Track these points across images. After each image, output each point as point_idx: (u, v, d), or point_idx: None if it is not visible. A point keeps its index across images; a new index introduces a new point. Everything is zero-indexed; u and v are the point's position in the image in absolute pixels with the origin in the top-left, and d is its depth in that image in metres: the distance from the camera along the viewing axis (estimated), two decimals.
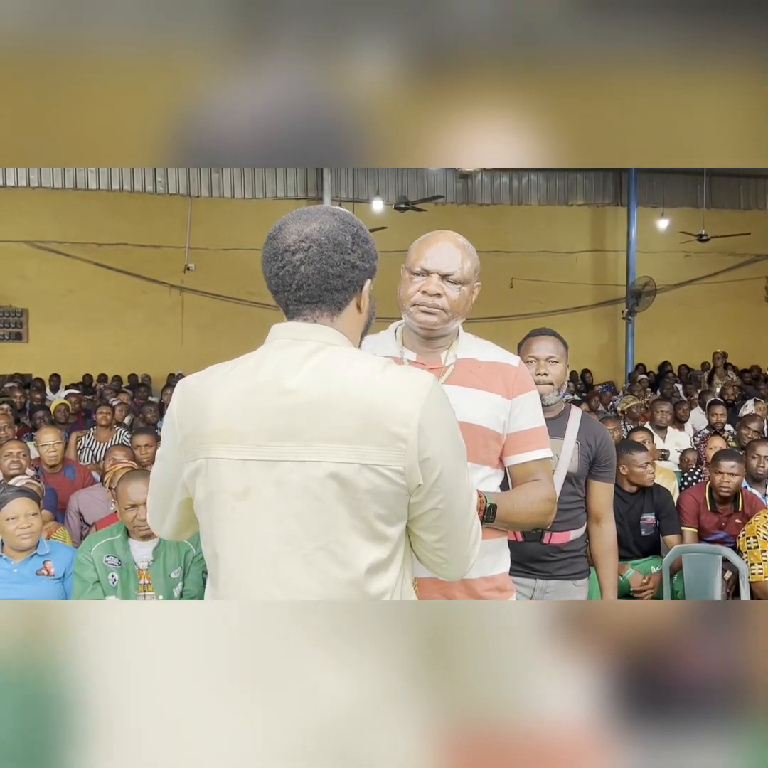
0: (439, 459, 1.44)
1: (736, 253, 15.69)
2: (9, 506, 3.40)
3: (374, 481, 1.39)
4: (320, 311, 1.50)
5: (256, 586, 1.44)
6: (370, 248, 1.54)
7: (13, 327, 14.52)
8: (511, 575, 2.11)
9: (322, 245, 1.47)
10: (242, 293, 14.51)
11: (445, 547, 1.51)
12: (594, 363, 15.05)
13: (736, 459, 4.64)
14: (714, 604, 3.51)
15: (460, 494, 1.49)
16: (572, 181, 14.88)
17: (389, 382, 1.43)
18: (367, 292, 1.55)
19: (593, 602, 2.00)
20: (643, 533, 4.52)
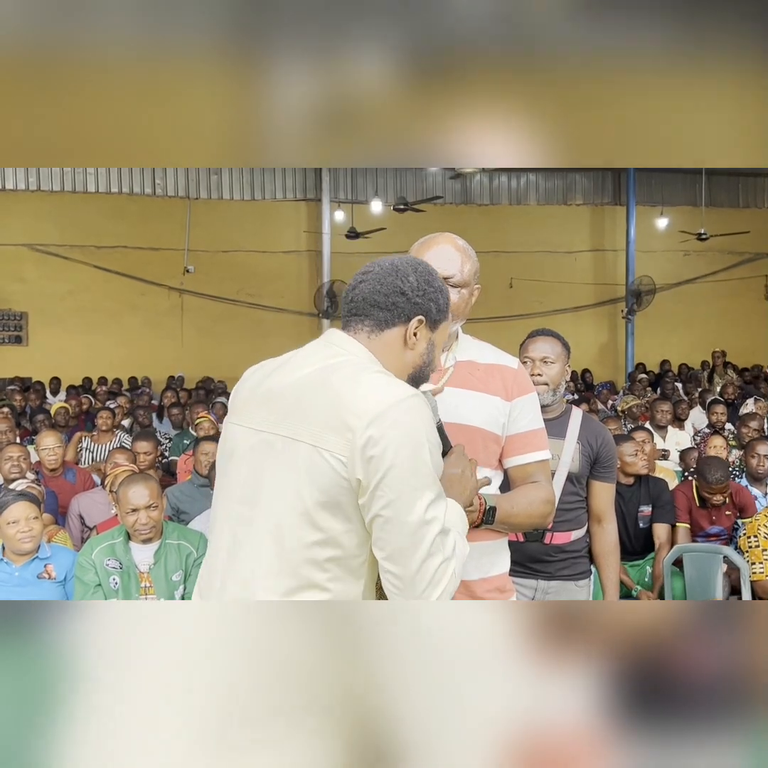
0: (385, 461, 1.45)
1: (736, 251, 15.69)
2: (10, 510, 3.40)
3: (320, 465, 1.48)
4: (362, 325, 1.65)
5: (221, 546, 1.61)
6: (431, 291, 1.66)
7: (13, 330, 14.51)
8: (512, 576, 2.11)
9: (384, 269, 1.66)
10: (241, 295, 14.51)
11: (394, 571, 1.48)
12: (594, 362, 15.05)
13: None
14: (714, 604, 3.52)
15: (410, 511, 1.46)
16: (571, 180, 14.88)
17: (366, 381, 1.52)
18: (415, 329, 1.64)
19: (560, 602, 2.00)
20: (641, 525, 4.54)
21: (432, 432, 1.53)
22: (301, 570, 1.49)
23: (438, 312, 1.67)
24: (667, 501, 4.60)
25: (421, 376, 1.70)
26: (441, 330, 1.70)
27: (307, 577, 1.49)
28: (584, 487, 2.94)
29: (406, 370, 1.67)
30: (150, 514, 3.29)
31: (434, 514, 1.49)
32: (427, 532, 1.47)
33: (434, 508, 1.49)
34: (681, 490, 4.78)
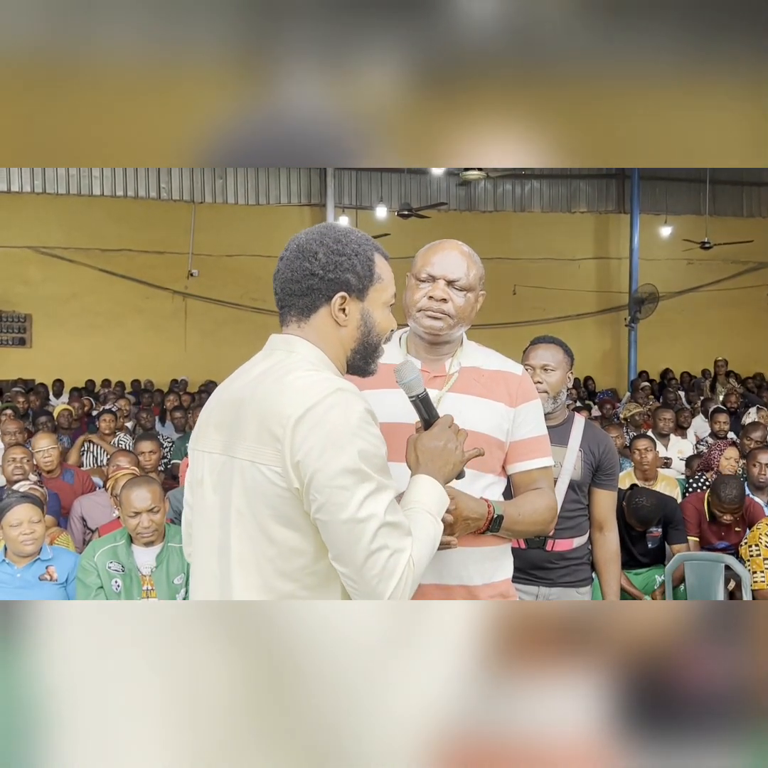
0: (310, 465, 1.43)
1: (739, 260, 15.68)
2: (12, 512, 3.41)
3: (258, 479, 1.48)
4: (290, 316, 1.62)
5: (201, 563, 1.63)
6: (343, 261, 1.58)
7: (17, 332, 14.53)
8: (514, 582, 2.11)
9: (291, 252, 1.61)
10: (245, 299, 14.52)
11: (343, 571, 1.46)
12: (597, 370, 15.05)
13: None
14: (717, 605, 3.51)
15: (342, 511, 1.42)
16: (575, 188, 14.89)
17: (288, 385, 1.50)
18: (340, 305, 1.58)
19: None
20: (649, 546, 4.51)
21: (363, 423, 1.47)
22: (273, 584, 1.49)
23: (359, 280, 1.59)
24: (679, 520, 4.55)
25: (369, 347, 1.65)
26: (372, 295, 1.62)
27: (281, 590, 1.49)
28: (586, 495, 2.94)
29: (349, 346, 1.62)
30: (152, 518, 3.30)
31: (371, 509, 1.44)
32: (364, 529, 1.43)
33: (371, 503, 1.44)
34: (691, 503, 4.74)
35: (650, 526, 4.41)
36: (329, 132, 1.68)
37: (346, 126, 1.67)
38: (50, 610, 1.46)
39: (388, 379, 1.78)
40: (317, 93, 1.66)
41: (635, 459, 5.36)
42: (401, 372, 1.73)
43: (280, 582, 1.50)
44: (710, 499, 4.60)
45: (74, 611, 1.50)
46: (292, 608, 1.45)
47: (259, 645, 1.39)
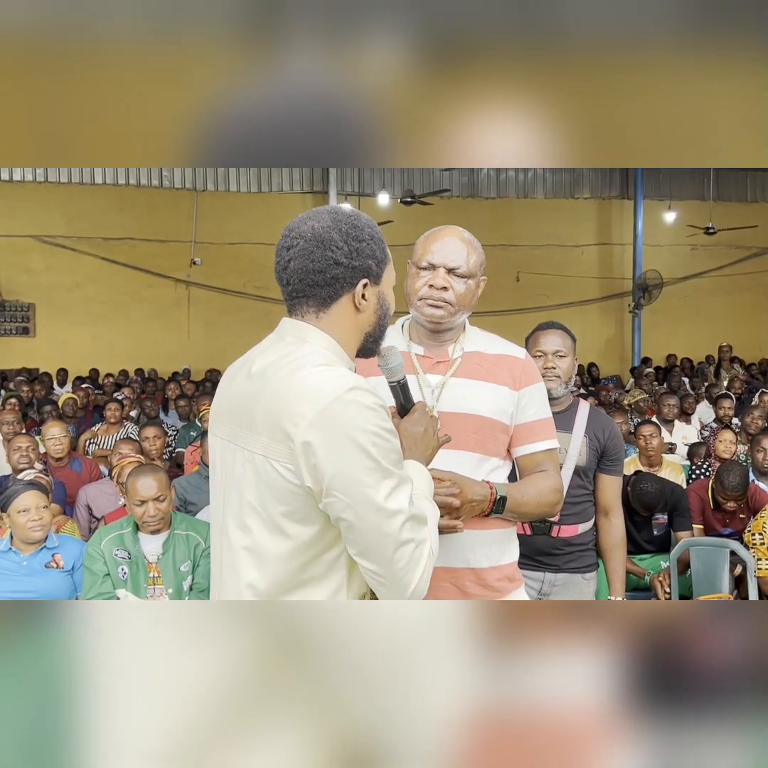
0: (328, 468, 1.42)
1: (743, 246, 15.63)
2: (20, 499, 3.42)
3: (271, 475, 1.47)
4: (307, 306, 1.57)
5: (216, 557, 1.65)
6: (364, 247, 1.56)
7: (20, 321, 14.55)
8: (520, 568, 2.12)
9: (308, 241, 1.53)
10: (248, 287, 14.52)
11: (370, 567, 1.47)
12: (600, 356, 15.03)
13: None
14: (725, 605, 3.52)
15: (369, 509, 1.43)
16: (578, 174, 14.85)
17: (300, 381, 1.47)
18: (362, 291, 1.57)
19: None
20: (655, 533, 4.51)
21: (379, 420, 1.46)
22: (279, 578, 1.50)
23: (378, 265, 1.59)
24: (685, 508, 4.55)
25: (382, 329, 1.66)
26: (386, 278, 1.62)
27: (289, 583, 1.50)
28: (591, 481, 2.94)
29: (365, 330, 1.62)
30: (158, 506, 3.31)
31: (397, 504, 1.45)
32: (392, 524, 1.44)
33: (396, 498, 1.45)
34: (695, 491, 4.74)
35: (654, 511, 4.42)
36: (330, 132, 1.67)
37: (347, 125, 1.66)
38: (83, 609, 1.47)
39: (375, 367, 1.79)
40: (321, 88, 1.65)
41: (640, 445, 5.35)
42: (386, 357, 1.73)
43: (286, 576, 1.50)
44: (714, 486, 4.60)
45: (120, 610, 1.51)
46: (308, 607, 1.46)
47: (280, 642, 1.40)
